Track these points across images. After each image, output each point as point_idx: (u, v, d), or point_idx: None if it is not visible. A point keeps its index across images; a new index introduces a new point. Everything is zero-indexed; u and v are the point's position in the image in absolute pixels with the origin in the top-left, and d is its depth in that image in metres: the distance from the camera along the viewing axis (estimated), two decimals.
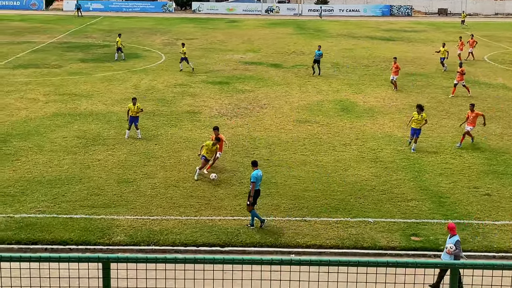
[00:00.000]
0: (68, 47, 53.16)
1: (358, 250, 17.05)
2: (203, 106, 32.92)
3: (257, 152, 25.21)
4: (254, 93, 36.05)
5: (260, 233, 17.91)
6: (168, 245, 17.13)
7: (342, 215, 19.28)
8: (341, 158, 24.74)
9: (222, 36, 62.66)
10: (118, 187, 21.20)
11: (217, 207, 19.66)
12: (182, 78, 40.13)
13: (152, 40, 58.49)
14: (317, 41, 58.97)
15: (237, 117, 30.87)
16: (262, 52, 52.08)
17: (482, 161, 24.66)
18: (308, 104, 33.72)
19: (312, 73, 41.79)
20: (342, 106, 33.46)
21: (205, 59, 47.99)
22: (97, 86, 37.53)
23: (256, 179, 18.23)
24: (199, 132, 27.98)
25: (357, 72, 43.43)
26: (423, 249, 17.17)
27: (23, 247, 16.89)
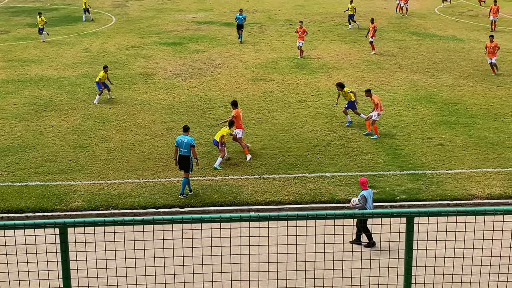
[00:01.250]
0: (15, 12, 51.59)
1: (316, 204, 17.29)
2: (157, 68, 32.52)
3: (213, 112, 25.13)
4: (208, 53, 35.72)
5: (219, 192, 17.98)
6: (127, 209, 17.08)
7: (300, 171, 19.47)
8: (297, 115, 24.85)
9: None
10: (74, 152, 20.93)
11: (175, 168, 19.56)
12: (134, 40, 39.45)
13: (102, 2, 57.17)
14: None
15: (192, 77, 30.61)
16: (214, 11, 51.45)
17: (435, 112, 25.09)
18: (263, 62, 33.61)
19: (239, 42, 38.14)
20: (297, 63, 33.46)
21: (157, 20, 47.19)
22: (46, 51, 36.64)
23: (177, 144, 17.94)
24: (154, 94, 27.69)
25: (311, 28, 43.28)
26: (380, 201, 17.48)
27: None
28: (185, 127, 18.56)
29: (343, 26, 43.90)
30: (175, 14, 49.98)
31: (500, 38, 39.25)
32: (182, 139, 17.90)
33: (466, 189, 18.16)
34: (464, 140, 21.99)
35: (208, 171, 19.47)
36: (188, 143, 17.81)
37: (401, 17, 46.97)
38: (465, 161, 20.18)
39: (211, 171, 19.43)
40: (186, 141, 17.84)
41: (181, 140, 17.88)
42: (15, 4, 56.04)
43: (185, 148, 17.80)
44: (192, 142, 17.92)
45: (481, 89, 28.27)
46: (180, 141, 17.88)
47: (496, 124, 23.57)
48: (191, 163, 17.89)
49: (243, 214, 5.29)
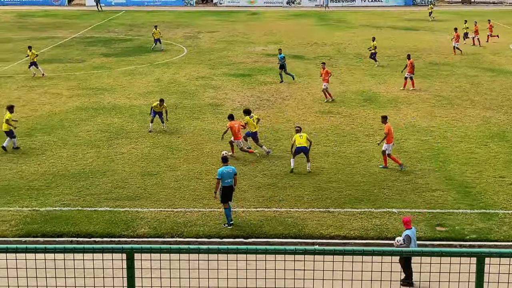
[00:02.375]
0: (91, 42, 53.48)
1: (382, 240, 16.95)
2: (225, 99, 32.93)
3: (279, 144, 25.17)
4: (276, 85, 35.95)
5: (284, 224, 17.89)
6: (192, 237, 17.19)
7: (366, 205, 19.18)
8: (364, 149, 24.59)
9: (244, 28, 62.56)
10: (142, 179, 21.31)
11: (240, 199, 19.66)
12: (204, 71, 40.16)
13: (174, 34, 58.59)
14: (338, 32, 58.65)
15: (259, 109, 30.82)
16: (283, 43, 51.87)
17: (508, 150, 24.35)
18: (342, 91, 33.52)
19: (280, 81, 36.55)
20: (365, 97, 33.24)
21: (227, 52, 47.95)
22: (119, 80, 37.72)
23: (221, 176, 17.89)
24: (222, 125, 27.96)
25: (380, 62, 43.07)
26: (449, 239, 17.01)
27: (48, 239, 17.05)
28: (225, 158, 18.65)
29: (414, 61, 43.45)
30: (245, 46, 50.68)
31: None
32: (226, 170, 17.93)
33: None
34: None
35: (273, 202, 19.44)
36: (233, 172, 18.00)
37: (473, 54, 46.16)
38: None
39: (276, 203, 19.39)
40: (231, 171, 17.95)
41: (226, 172, 17.91)
42: (92, 35, 58.12)
43: (230, 178, 17.88)
44: (235, 170, 18.22)
45: None
46: (225, 172, 17.90)
47: None
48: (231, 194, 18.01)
49: (307, 247, 5.22)
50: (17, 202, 19.39)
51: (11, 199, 19.58)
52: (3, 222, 17.95)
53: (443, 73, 39.31)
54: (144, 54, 47.18)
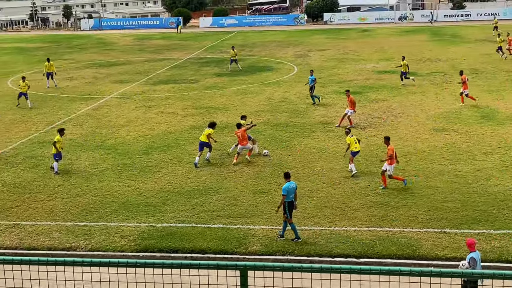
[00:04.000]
0: (204, 62, 55.04)
1: (502, 263, 16.16)
2: (336, 117, 32.75)
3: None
4: (388, 102, 35.39)
5: (397, 244, 17.47)
6: (303, 255, 17.14)
7: (484, 227, 18.38)
8: (482, 168, 23.64)
9: (354, 45, 62.21)
10: (254, 197, 21.54)
11: (351, 218, 19.43)
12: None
13: (285, 53, 59.18)
14: (453, 47, 56.99)
15: (371, 127, 30.42)
16: (395, 60, 51.09)
17: None
18: (445, 112, 32.59)
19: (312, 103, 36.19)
20: (482, 114, 32.02)
21: (338, 70, 47.82)
22: (232, 99, 38.49)
23: (287, 192, 17.98)
24: (333, 143, 27.86)
25: (498, 78, 41.43)
26: None
27: (164, 255, 17.57)
28: (287, 174, 18.71)
29: None
30: (356, 63, 50.33)
31: None
32: (292, 186, 18.19)
33: None
34: None
35: (386, 222, 19.05)
36: (295, 187, 18.29)
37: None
38: None
39: (389, 222, 18.97)
40: (295, 186, 18.28)
41: (291, 187, 18.15)
42: (205, 55, 59.80)
43: (293, 194, 18.13)
44: (296, 185, 18.48)
45: None
46: (291, 188, 18.13)
47: None
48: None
49: (423, 268, 5.07)
50: (135, 218, 20.15)
51: (129, 215, 20.37)
52: (122, 237, 18.69)
53: None
54: (255, 73, 47.94)
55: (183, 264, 5.21)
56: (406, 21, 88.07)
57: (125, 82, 46.19)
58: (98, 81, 47.22)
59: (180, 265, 5.20)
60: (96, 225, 19.63)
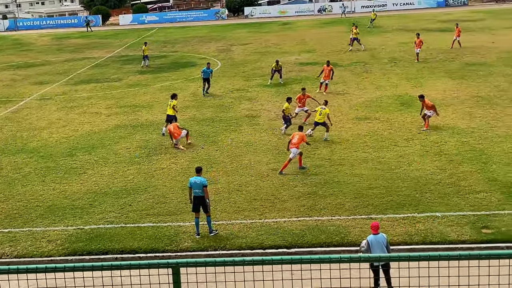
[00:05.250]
0: (126, 60, 54.25)
1: (427, 245, 16.72)
2: (261, 110, 33.00)
3: (318, 152, 25.09)
4: (311, 93, 35.86)
5: (326, 233, 17.79)
6: (234, 249, 17.21)
7: (408, 210, 18.96)
8: (404, 154, 24.35)
9: (276, 39, 62.74)
10: (183, 194, 21.43)
11: (281, 209, 19.64)
12: (239, 83, 40.33)
13: (207, 48, 59.06)
14: (371, 37, 58.32)
15: (296, 118, 30.77)
16: (317, 52, 51.86)
17: None
18: (367, 101, 33.35)
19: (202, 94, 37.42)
20: (402, 101, 32.95)
21: (261, 63, 48.11)
22: (156, 96, 38.13)
23: (190, 185, 18.12)
24: (259, 136, 28.04)
25: (415, 66, 42.71)
26: (495, 241, 16.69)
27: (94, 257, 17.27)
28: (197, 168, 18.80)
29: (449, 62, 42.99)
30: (278, 56, 50.74)
31: None
32: (195, 180, 18.14)
33: None
34: None
35: (315, 211, 19.36)
36: (201, 183, 18.02)
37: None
38: None
39: (317, 211, 19.30)
40: (198, 181, 18.07)
41: (194, 181, 18.14)
42: (127, 53, 58.93)
43: (199, 189, 18.01)
44: (205, 182, 18.10)
45: None
46: (193, 182, 18.13)
47: None
48: (206, 203, 18.04)
49: (352, 255, 5.19)
50: (62, 221, 19.70)
51: (56, 219, 19.90)
52: (49, 242, 18.24)
53: (480, 73, 38.76)
54: (179, 69, 47.65)
55: (113, 266, 5.13)
56: (325, 13, 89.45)
57: (45, 83, 44.98)
58: (17, 83, 45.79)
59: (110, 266, 5.12)
60: (21, 231, 19.08)
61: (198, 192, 18.13)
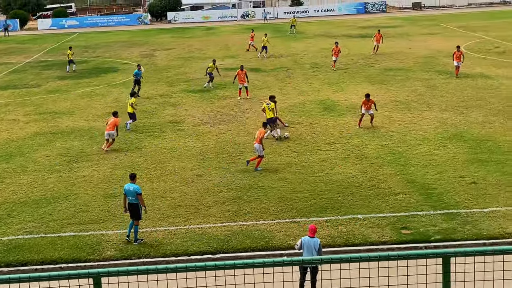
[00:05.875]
0: (45, 66, 52.87)
1: (349, 247, 17.06)
2: (186, 115, 32.85)
3: (242, 157, 25.18)
4: (235, 99, 36.01)
5: (251, 238, 17.87)
6: (159, 257, 17.03)
7: (331, 213, 19.29)
8: (326, 157, 24.78)
9: (200, 44, 62.67)
10: (105, 202, 21.06)
11: (206, 215, 19.60)
12: (162, 89, 40.01)
13: (130, 53, 58.33)
14: (294, 43, 59.13)
15: (220, 123, 30.83)
16: (240, 57, 52.09)
17: (466, 150, 24.81)
18: (290, 105, 33.75)
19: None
20: (324, 106, 33.54)
21: (184, 68, 47.92)
22: (77, 102, 37.33)
23: (125, 192, 18.03)
24: (183, 142, 27.90)
25: (337, 71, 43.57)
26: (414, 242, 17.21)
27: (12, 269, 16.71)
28: (131, 175, 18.61)
29: (369, 68, 44.07)
30: (202, 61, 50.70)
31: None
32: (128, 187, 17.99)
33: (502, 227, 17.78)
34: (497, 178, 21.64)
35: (239, 216, 19.41)
36: (134, 191, 17.84)
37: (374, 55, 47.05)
38: (499, 198, 19.82)
39: (242, 216, 19.36)
40: (132, 189, 17.89)
41: (127, 189, 17.99)
42: (46, 58, 57.44)
43: (132, 196, 17.85)
44: (138, 190, 17.89)
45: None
46: (127, 190, 17.98)
47: None
48: (140, 210, 17.88)
49: (276, 259, 5.23)
50: None
51: None
52: None
53: (398, 78, 39.94)
54: (100, 75, 46.83)
55: (31, 278, 4.98)
56: (248, 18, 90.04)
57: None
58: None
59: (28, 278, 4.97)
60: None
61: (132, 200, 17.89)
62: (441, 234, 17.55)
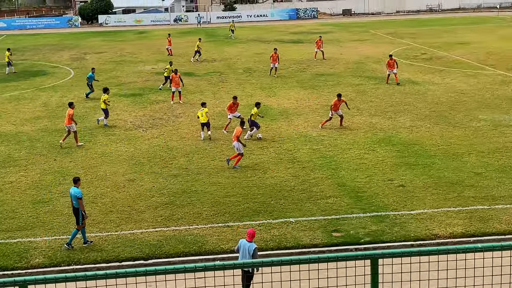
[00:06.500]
0: None
1: (281, 250, 17.21)
2: (117, 120, 32.40)
3: (175, 162, 25.04)
4: (168, 103, 35.78)
5: (184, 242, 17.79)
6: (89, 263, 16.73)
7: (264, 217, 19.42)
8: (259, 161, 24.92)
9: (132, 48, 61.97)
10: (34, 208, 20.54)
11: (138, 220, 19.38)
12: (93, 93, 39.33)
13: (60, 56, 57.11)
14: (227, 47, 59.25)
15: (153, 128, 30.56)
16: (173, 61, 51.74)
17: (395, 154, 25.44)
18: (223, 110, 33.75)
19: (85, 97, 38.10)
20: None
21: (116, 72, 47.27)
22: (4, 106, 36.26)
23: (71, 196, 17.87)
24: (115, 146, 27.51)
25: (269, 76, 43.88)
26: (345, 244, 17.52)
27: None
28: (74, 179, 18.23)
29: (301, 73, 44.60)
30: (134, 65, 50.18)
31: (454, 79, 40.34)
32: (71, 191, 17.79)
33: (428, 229, 18.33)
34: (424, 181, 22.28)
35: (172, 221, 19.29)
36: (75, 195, 17.59)
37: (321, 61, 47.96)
38: (426, 201, 20.42)
39: (175, 221, 19.25)
40: (73, 193, 17.66)
41: (71, 192, 17.80)
42: None
43: (74, 200, 17.62)
44: (78, 194, 17.59)
45: (438, 130, 28.84)
46: (70, 193, 17.79)
47: (454, 164, 23.98)
48: (80, 215, 17.60)
49: (207, 263, 5.24)
50: None
51: None
52: None
53: (329, 83, 40.57)
54: (29, 78, 45.65)
55: None
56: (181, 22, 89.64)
57: None
58: None
59: None
60: None
61: (74, 204, 17.57)
62: (371, 236, 17.94)
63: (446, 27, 72.88)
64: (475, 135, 27.70)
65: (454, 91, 37.03)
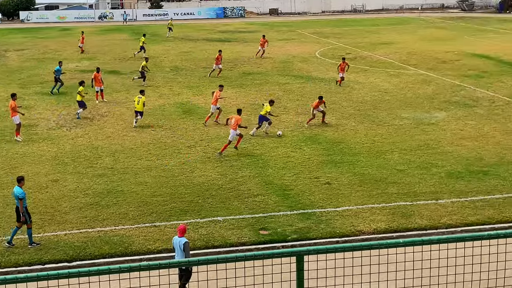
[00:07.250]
0: None
1: (209, 249, 17.17)
2: (40, 119, 31.54)
3: (100, 161, 24.59)
4: (93, 102, 35.08)
5: (109, 243, 17.48)
6: (11, 267, 16.21)
7: (191, 216, 19.33)
8: (187, 160, 24.77)
9: (55, 45, 60.45)
10: None
11: (61, 222, 18.91)
12: (14, 91, 38.04)
13: None
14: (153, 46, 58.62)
15: (77, 127, 29.90)
16: (98, 59, 50.84)
17: (321, 152, 25.82)
18: (150, 109, 33.38)
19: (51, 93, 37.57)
20: (184, 109, 33.55)
21: (38, 70, 46.00)
22: None
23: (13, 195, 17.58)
24: (37, 146, 26.77)
25: (197, 74, 43.74)
26: (272, 242, 17.65)
27: None
28: (18, 178, 17.71)
29: (229, 71, 44.63)
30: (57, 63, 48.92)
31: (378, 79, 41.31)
32: (13, 190, 17.46)
33: (353, 225, 18.69)
34: (349, 178, 22.71)
35: (97, 222, 18.92)
36: (16, 195, 17.16)
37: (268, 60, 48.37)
38: (351, 198, 20.82)
39: (100, 222, 18.89)
40: (15, 192, 17.23)
41: (13, 192, 17.47)
42: None
43: (16, 200, 17.24)
44: (19, 194, 17.09)
45: (363, 128, 29.46)
46: (13, 194, 17.46)
47: (378, 161, 24.55)
48: (20, 215, 17.14)
49: (132, 264, 5.16)
50: None
51: None
52: None
53: (257, 82, 40.78)
54: None
55: None
56: (106, 19, 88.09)
57: None
58: None
59: None
60: None
61: (17, 203, 17.10)
62: (298, 234, 18.14)
63: (370, 27, 74.54)
64: (398, 133, 28.47)
65: (377, 90, 37.92)
